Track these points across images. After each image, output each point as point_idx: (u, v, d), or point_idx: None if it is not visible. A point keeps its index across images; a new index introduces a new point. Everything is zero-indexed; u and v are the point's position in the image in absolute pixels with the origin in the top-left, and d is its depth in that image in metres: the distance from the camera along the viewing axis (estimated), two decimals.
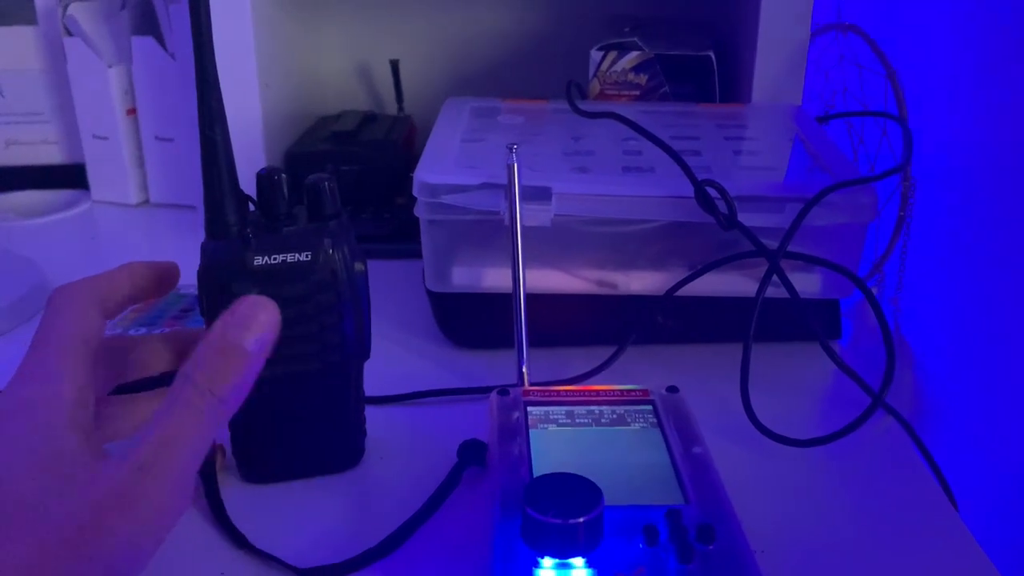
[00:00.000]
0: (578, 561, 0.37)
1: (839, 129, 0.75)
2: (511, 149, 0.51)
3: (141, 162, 0.93)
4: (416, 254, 0.62)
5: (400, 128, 0.88)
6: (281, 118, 0.86)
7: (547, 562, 0.37)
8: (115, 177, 0.93)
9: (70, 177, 0.97)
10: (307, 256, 0.43)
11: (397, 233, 0.78)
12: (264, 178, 0.43)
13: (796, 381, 0.58)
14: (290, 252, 0.43)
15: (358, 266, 0.45)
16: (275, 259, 0.43)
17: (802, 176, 0.61)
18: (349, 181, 0.81)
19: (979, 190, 0.64)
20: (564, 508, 0.37)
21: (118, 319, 0.64)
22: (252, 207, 0.45)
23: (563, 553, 0.37)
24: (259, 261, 0.43)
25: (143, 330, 0.62)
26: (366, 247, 0.74)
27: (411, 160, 0.82)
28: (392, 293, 0.70)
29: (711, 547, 0.38)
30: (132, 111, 0.91)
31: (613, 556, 0.37)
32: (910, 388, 0.66)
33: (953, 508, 0.47)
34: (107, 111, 0.90)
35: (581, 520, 0.37)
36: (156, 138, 0.91)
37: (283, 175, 0.43)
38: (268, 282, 0.43)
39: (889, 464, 0.51)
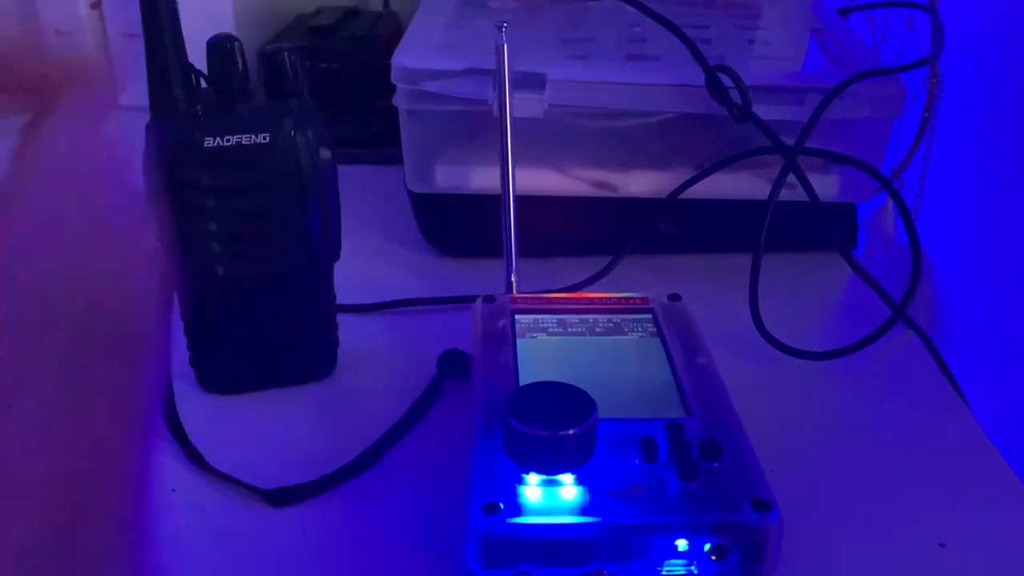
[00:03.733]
0: (567, 478, 0.33)
1: (860, 24, 0.69)
2: (500, 28, 0.45)
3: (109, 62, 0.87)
4: (395, 159, 0.57)
5: (385, 26, 0.82)
6: (254, 13, 0.79)
7: (532, 478, 0.33)
8: None
9: None
10: (265, 138, 0.38)
11: (379, 138, 0.73)
12: (215, 47, 0.38)
13: (807, 292, 0.54)
14: (245, 133, 0.38)
15: (324, 152, 0.40)
16: (228, 140, 0.38)
17: (821, 68, 0.55)
18: (328, 81, 0.75)
19: (1011, 91, 0.58)
20: (551, 419, 0.33)
21: None
22: (204, 84, 0.40)
23: (550, 468, 0.33)
24: (211, 143, 0.38)
25: None
26: (346, 152, 0.68)
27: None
28: (374, 200, 0.65)
29: (716, 464, 0.34)
30: (96, 5, 0.85)
31: (606, 473, 0.33)
32: (927, 301, 0.62)
33: (975, 423, 0.43)
34: (69, 4, 0.84)
35: (571, 432, 0.33)
36: (125, 35, 0.85)
37: (238, 42, 0.38)
38: (220, 168, 0.38)
39: (907, 379, 0.47)
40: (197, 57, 0.39)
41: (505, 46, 0.45)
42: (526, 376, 0.40)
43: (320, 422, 0.43)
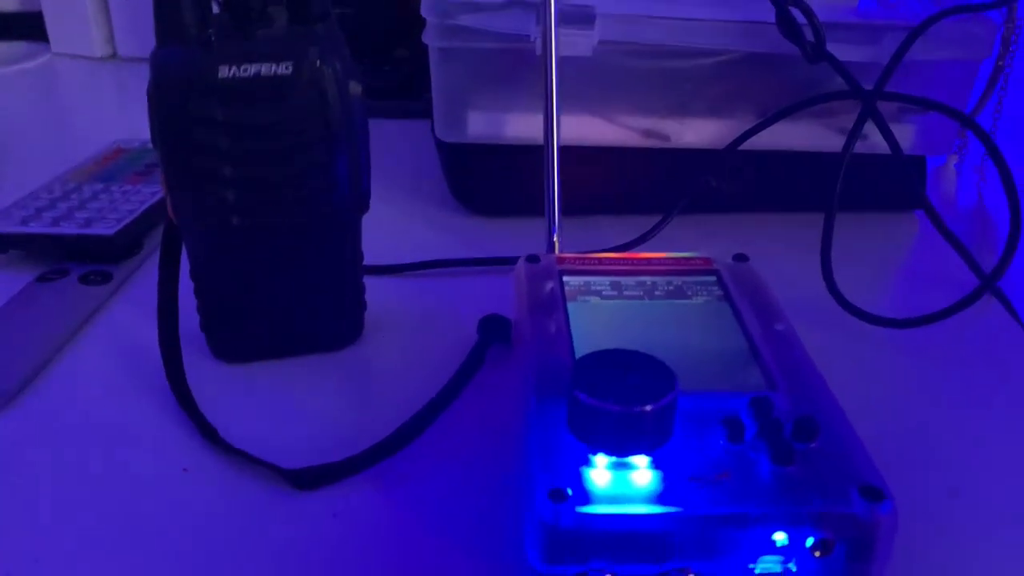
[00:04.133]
0: (641, 460, 0.28)
1: None
2: None
3: (107, 8, 0.81)
4: (422, 113, 0.52)
5: None
6: None
7: (600, 460, 0.28)
8: (76, 26, 0.82)
9: (28, 26, 0.85)
10: (287, 68, 0.33)
11: (398, 89, 0.68)
12: None
13: (875, 255, 0.49)
14: (265, 62, 0.33)
15: (354, 87, 0.35)
16: (246, 70, 0.33)
17: (896, 3, 0.50)
18: (343, 27, 0.69)
19: None
20: (625, 392, 0.28)
21: (73, 171, 0.54)
22: (217, 9, 0.35)
23: (622, 449, 0.28)
24: (225, 72, 0.33)
25: (99, 186, 0.52)
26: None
27: (414, 6, 0.71)
28: (395, 155, 0.60)
29: (813, 445, 0.29)
30: None
31: (686, 456, 0.29)
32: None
33: None
34: None
35: (648, 408, 0.28)
36: None
37: None
38: (236, 101, 0.33)
39: (992, 351, 0.42)
40: None
41: None
42: (581, 344, 0.35)
43: (346, 394, 0.38)
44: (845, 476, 0.28)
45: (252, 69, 0.33)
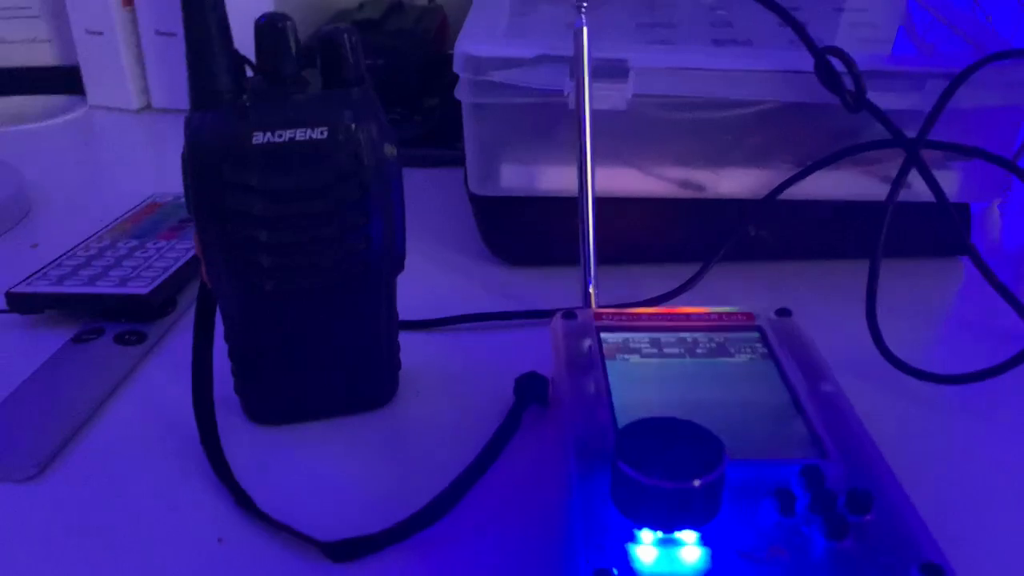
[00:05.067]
0: (689, 536, 0.27)
1: (960, 4, 0.63)
2: (579, 8, 0.40)
3: (141, 62, 0.83)
4: (452, 161, 0.52)
5: (431, 19, 0.77)
6: (294, 6, 0.74)
7: (647, 536, 0.27)
8: (112, 79, 0.83)
9: (65, 80, 0.86)
10: (323, 133, 0.33)
11: (429, 138, 0.68)
12: (265, 27, 0.33)
13: (920, 305, 0.48)
14: (300, 127, 0.33)
15: (388, 149, 0.34)
16: (280, 136, 0.32)
17: (936, 50, 0.49)
18: (374, 78, 0.70)
19: None
20: (672, 465, 0.27)
21: (107, 229, 0.54)
22: (251, 74, 0.35)
23: (670, 525, 0.27)
24: (260, 138, 0.32)
25: (134, 242, 0.52)
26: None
27: (442, 56, 0.71)
28: (426, 205, 0.60)
29: (868, 517, 0.28)
30: (129, 2, 0.81)
31: (736, 530, 0.28)
32: None
33: None
34: (100, 3, 0.80)
35: (697, 483, 0.27)
36: (157, 33, 0.81)
37: (290, 22, 0.33)
38: (272, 166, 0.33)
39: None
40: (240, 48, 0.34)
41: (584, 29, 0.40)
42: (622, 406, 0.34)
43: (382, 457, 0.37)
44: (904, 552, 0.27)
45: (287, 134, 0.33)
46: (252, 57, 0.34)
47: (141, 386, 0.42)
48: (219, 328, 0.37)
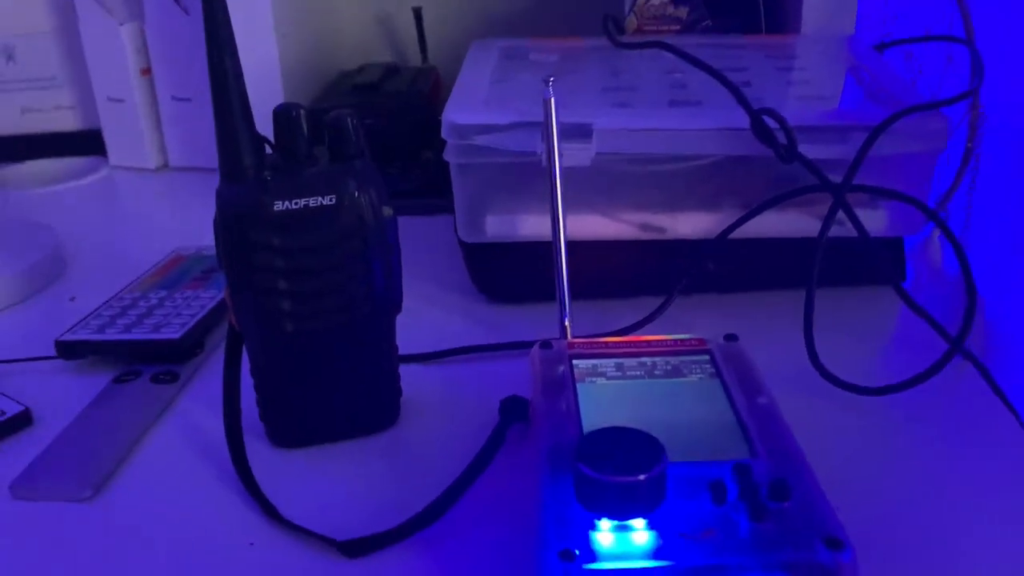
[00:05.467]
0: (639, 523, 0.33)
1: (895, 60, 0.70)
2: (547, 82, 0.47)
3: (159, 124, 0.90)
4: (446, 209, 0.58)
5: (425, 79, 0.84)
6: (300, 72, 0.82)
7: (605, 524, 0.33)
8: (132, 141, 0.90)
9: (88, 143, 0.94)
10: (331, 200, 0.40)
11: (425, 188, 0.75)
12: (281, 114, 0.40)
13: (860, 328, 0.54)
14: (313, 196, 0.39)
15: (386, 210, 0.41)
16: (296, 203, 0.39)
17: (863, 104, 0.56)
18: (374, 136, 0.76)
19: None
20: (622, 464, 0.33)
21: (138, 281, 0.61)
22: (270, 151, 0.41)
23: (623, 514, 0.33)
24: (279, 206, 0.39)
25: (163, 293, 0.59)
26: (394, 204, 0.70)
27: (437, 112, 0.78)
28: (423, 249, 0.66)
29: (786, 504, 0.34)
30: (147, 71, 0.88)
31: (677, 516, 0.34)
32: (981, 333, 0.61)
33: None
34: (121, 72, 0.87)
35: (642, 477, 0.33)
36: (173, 98, 0.88)
37: (302, 110, 0.40)
38: (290, 229, 0.39)
39: (967, 412, 0.46)
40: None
41: (552, 99, 0.47)
42: (589, 421, 0.40)
43: (388, 472, 0.43)
44: (812, 529, 0.33)
45: (302, 202, 0.39)
46: (271, 137, 0.41)
47: (177, 419, 0.49)
48: (245, 365, 0.44)
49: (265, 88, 0.75)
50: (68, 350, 0.53)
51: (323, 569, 0.37)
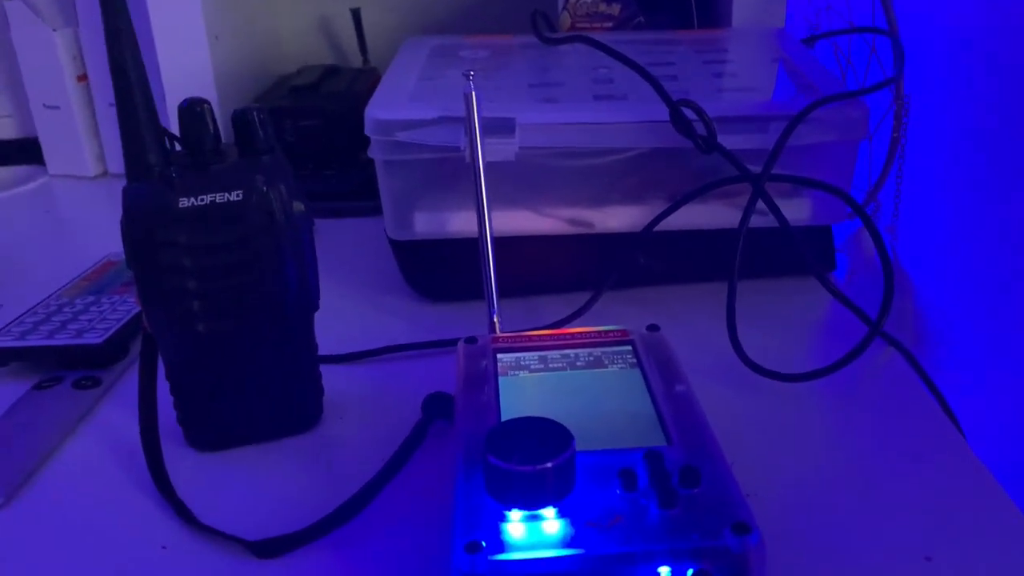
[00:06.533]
0: (549, 512, 0.33)
1: (825, 51, 0.71)
2: (468, 76, 0.46)
3: (97, 132, 0.89)
4: (379, 211, 0.58)
5: (364, 80, 0.84)
6: (235, 76, 0.81)
7: (515, 515, 0.33)
8: (70, 149, 0.89)
9: (25, 152, 0.92)
10: (238, 195, 0.39)
11: (362, 190, 0.74)
12: (186, 111, 0.39)
13: (788, 317, 0.54)
14: (219, 192, 0.39)
15: (297, 206, 0.41)
16: (203, 199, 0.39)
17: (788, 96, 0.56)
18: (311, 137, 0.76)
19: (977, 109, 0.59)
20: (529, 454, 0.33)
21: (67, 287, 0.60)
22: (178, 147, 0.41)
23: (532, 503, 0.33)
24: (185, 203, 0.38)
25: (91, 298, 0.58)
26: (331, 205, 0.69)
27: None
28: (358, 250, 0.66)
29: (696, 490, 0.34)
30: (83, 77, 0.87)
31: (587, 504, 0.34)
32: (911, 319, 0.62)
33: (960, 434, 0.43)
34: (56, 79, 0.86)
35: (549, 465, 0.33)
36: (111, 105, 0.87)
37: (207, 105, 0.39)
38: (197, 226, 0.39)
39: (891, 396, 0.47)
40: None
41: (473, 93, 0.47)
42: (508, 414, 0.40)
43: (308, 473, 0.43)
44: (720, 515, 0.33)
45: (208, 198, 0.39)
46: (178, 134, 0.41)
47: (97, 424, 0.48)
48: (162, 370, 0.43)
49: (198, 93, 0.74)
50: None
51: (235, 570, 0.37)
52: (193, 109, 0.39)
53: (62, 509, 0.41)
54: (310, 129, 0.76)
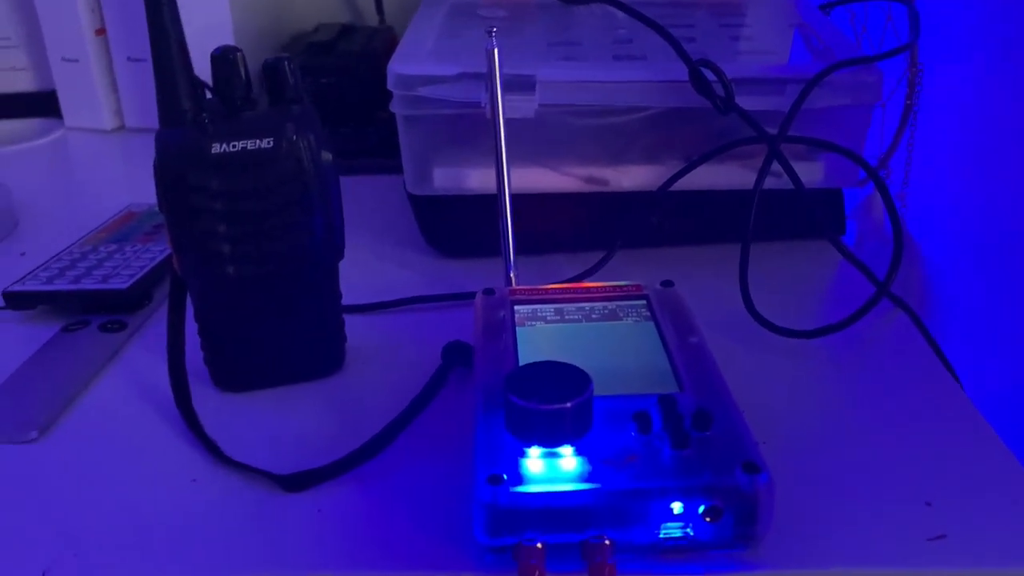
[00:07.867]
0: (566, 450, 0.35)
1: (841, 18, 0.71)
2: (490, 33, 0.47)
3: (114, 85, 0.89)
4: (400, 169, 0.59)
5: (380, 39, 0.84)
6: (254, 34, 0.82)
7: (534, 451, 0.35)
8: (87, 102, 0.89)
9: (43, 104, 0.93)
10: (269, 143, 0.40)
11: (379, 147, 0.75)
12: (219, 58, 0.40)
13: (799, 278, 0.55)
14: (250, 138, 0.40)
15: (325, 155, 0.42)
16: (234, 146, 0.40)
17: (804, 60, 0.57)
18: (327, 95, 0.77)
19: (992, 77, 0.60)
20: (549, 394, 0.35)
21: (89, 236, 0.61)
22: (210, 95, 0.42)
23: (550, 441, 0.35)
24: (217, 148, 0.40)
25: (114, 246, 0.59)
26: (348, 162, 0.70)
27: None
28: (376, 207, 0.67)
29: (708, 433, 0.36)
30: (101, 31, 0.87)
31: (603, 444, 0.35)
32: (918, 284, 0.63)
33: (961, 390, 0.45)
34: (75, 32, 0.86)
35: (568, 405, 0.34)
36: (128, 59, 0.87)
37: (240, 53, 0.40)
38: (227, 172, 0.40)
39: (897, 353, 0.48)
40: (201, 74, 0.41)
41: (495, 50, 0.47)
42: (526, 361, 0.41)
43: (331, 415, 0.44)
44: (731, 456, 0.34)
45: (239, 145, 0.40)
46: (210, 83, 0.41)
47: (124, 366, 0.49)
48: (189, 312, 0.44)
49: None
50: (16, 300, 0.53)
51: (264, 502, 0.38)
52: (226, 56, 0.40)
53: (94, 444, 0.43)
54: (327, 87, 0.77)
